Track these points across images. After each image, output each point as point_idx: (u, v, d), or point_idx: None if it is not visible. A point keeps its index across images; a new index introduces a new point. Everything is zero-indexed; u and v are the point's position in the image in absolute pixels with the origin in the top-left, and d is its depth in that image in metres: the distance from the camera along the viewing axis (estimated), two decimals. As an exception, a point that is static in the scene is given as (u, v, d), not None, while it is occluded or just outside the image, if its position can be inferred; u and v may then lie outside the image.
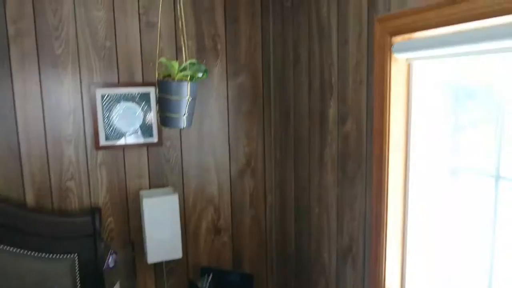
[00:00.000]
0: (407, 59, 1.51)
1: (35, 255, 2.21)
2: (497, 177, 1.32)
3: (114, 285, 2.31)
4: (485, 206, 1.39)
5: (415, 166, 1.61)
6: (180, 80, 1.61)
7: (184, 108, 1.65)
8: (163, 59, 1.59)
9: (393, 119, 1.58)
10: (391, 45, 1.49)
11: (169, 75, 1.64)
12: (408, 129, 1.60)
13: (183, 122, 1.66)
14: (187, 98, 1.64)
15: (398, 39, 1.48)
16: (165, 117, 1.66)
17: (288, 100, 2.43)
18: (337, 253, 2.01)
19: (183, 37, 2.05)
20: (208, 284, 2.32)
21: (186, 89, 1.63)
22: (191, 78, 1.64)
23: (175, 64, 1.59)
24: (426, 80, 1.55)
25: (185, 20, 2.39)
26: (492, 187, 1.33)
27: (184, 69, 1.62)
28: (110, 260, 2.30)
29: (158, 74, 1.65)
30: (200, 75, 1.66)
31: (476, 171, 1.46)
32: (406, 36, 1.45)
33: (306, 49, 2.18)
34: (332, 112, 1.97)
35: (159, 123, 1.70)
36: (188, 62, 1.64)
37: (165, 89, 1.63)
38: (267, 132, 2.68)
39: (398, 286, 1.68)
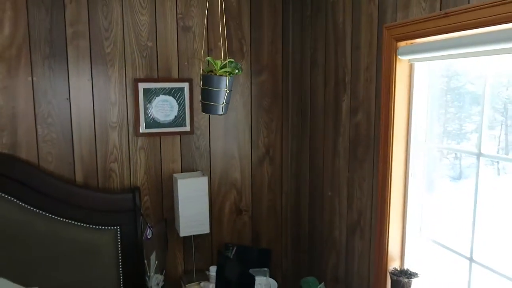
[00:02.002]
0: (409, 60, 1.85)
1: (84, 226, 2.55)
2: (478, 155, 1.65)
3: (151, 254, 2.65)
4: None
5: (414, 151, 1.94)
6: (221, 75, 1.96)
7: (223, 98, 1.99)
8: (209, 58, 1.94)
9: (397, 111, 1.91)
10: (396, 48, 1.83)
11: (211, 71, 1.99)
12: (410, 120, 1.93)
13: (222, 109, 2.01)
14: (225, 89, 1.98)
15: (402, 44, 1.82)
16: (207, 105, 2.00)
17: (306, 97, 2.78)
18: (347, 227, 2.34)
19: (222, 40, 2.38)
20: (232, 255, 2.66)
21: (225, 82, 1.97)
22: (229, 74, 1.99)
23: (218, 62, 1.94)
24: (425, 78, 1.89)
25: (215, 25, 2.73)
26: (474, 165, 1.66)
27: (225, 66, 1.96)
28: (148, 232, 2.64)
29: (202, 70, 1.99)
30: (236, 71, 2.01)
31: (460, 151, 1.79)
32: (409, 41, 1.79)
33: (323, 53, 2.52)
34: (345, 106, 2.31)
35: (201, 110, 2.04)
36: (228, 60, 1.98)
37: (208, 82, 1.97)
38: (285, 125, 3.02)
39: (399, 251, 2.01)
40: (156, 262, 2.66)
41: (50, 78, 2.51)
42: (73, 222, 2.54)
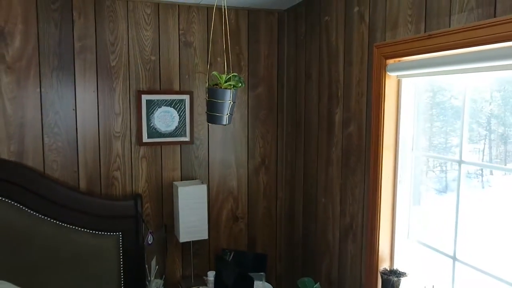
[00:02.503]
0: (397, 76, 2.03)
1: (87, 231, 2.65)
2: (460, 162, 1.82)
3: (152, 259, 2.75)
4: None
5: (402, 159, 2.11)
6: (226, 88, 2.11)
7: (227, 109, 2.14)
8: (214, 73, 2.09)
9: (386, 123, 2.09)
10: (385, 65, 2.01)
11: (216, 84, 2.14)
12: (398, 130, 2.11)
13: (226, 120, 2.15)
14: (229, 101, 2.13)
15: (391, 61, 2.00)
16: (212, 116, 2.15)
17: (300, 110, 2.94)
18: (340, 231, 2.49)
19: (226, 55, 2.54)
20: (231, 258, 2.78)
21: (230, 94, 2.12)
22: (233, 87, 2.14)
23: (223, 77, 2.09)
24: (412, 92, 2.07)
25: (215, 41, 2.89)
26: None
27: (229, 79, 2.12)
28: (149, 238, 2.75)
29: (208, 83, 2.14)
30: (240, 84, 2.16)
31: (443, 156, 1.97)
32: (397, 59, 1.97)
33: (316, 69, 2.69)
34: (338, 118, 2.48)
35: (206, 120, 2.18)
36: (231, 74, 2.14)
37: (213, 94, 2.12)
38: (280, 136, 3.18)
39: (389, 252, 2.16)
40: (157, 267, 2.77)
41: (58, 89, 2.63)
42: (76, 228, 2.63)
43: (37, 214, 2.56)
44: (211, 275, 2.83)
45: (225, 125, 2.21)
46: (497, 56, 1.46)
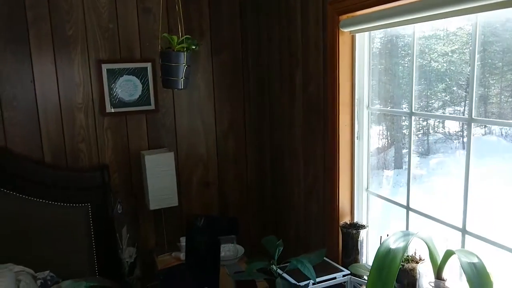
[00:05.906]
0: (350, 32, 2.02)
1: (55, 204, 2.65)
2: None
3: (123, 228, 2.77)
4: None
5: (358, 115, 2.13)
6: (179, 51, 2.08)
7: (182, 73, 2.12)
8: (165, 34, 2.06)
9: (342, 79, 2.09)
10: (338, 22, 2.00)
11: (170, 47, 2.11)
12: (353, 87, 2.11)
13: (181, 84, 2.14)
14: (184, 64, 2.11)
15: (344, 17, 1.99)
16: (167, 80, 2.13)
17: (264, 73, 2.93)
18: (304, 192, 2.53)
19: (180, 17, 2.47)
20: (202, 224, 2.81)
21: (183, 57, 2.10)
22: (187, 49, 2.11)
23: (175, 38, 2.06)
24: (366, 51, 2.07)
25: (174, 6, 2.82)
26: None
27: (182, 42, 2.09)
28: (118, 207, 2.77)
29: (161, 47, 2.11)
30: (193, 47, 2.14)
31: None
32: (350, 14, 1.96)
33: (277, 31, 2.67)
34: (298, 79, 2.47)
35: (161, 85, 2.17)
36: (184, 37, 2.11)
37: (166, 57, 2.10)
38: (246, 100, 3.16)
39: (349, 206, 2.21)
40: (128, 235, 2.79)
41: (13, 62, 2.57)
42: (44, 201, 2.62)
43: (3, 190, 2.54)
44: (183, 240, 2.88)
45: (181, 89, 2.20)
46: (443, 3, 1.46)
